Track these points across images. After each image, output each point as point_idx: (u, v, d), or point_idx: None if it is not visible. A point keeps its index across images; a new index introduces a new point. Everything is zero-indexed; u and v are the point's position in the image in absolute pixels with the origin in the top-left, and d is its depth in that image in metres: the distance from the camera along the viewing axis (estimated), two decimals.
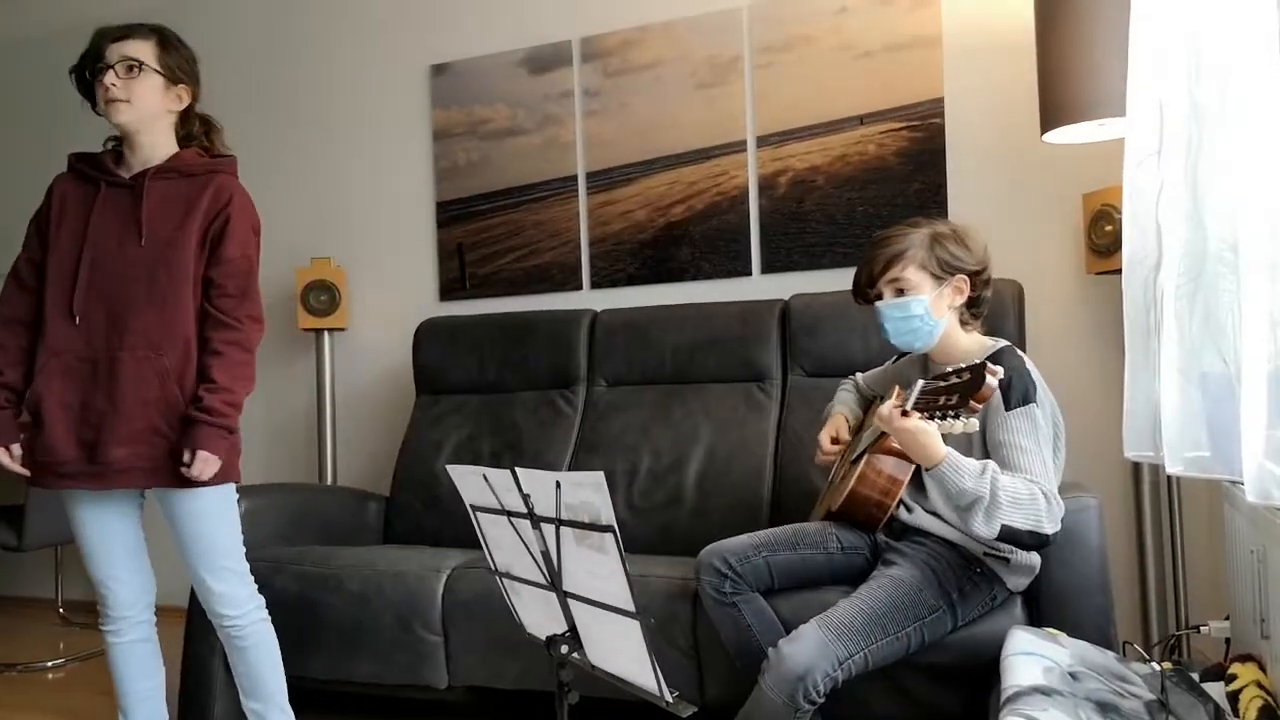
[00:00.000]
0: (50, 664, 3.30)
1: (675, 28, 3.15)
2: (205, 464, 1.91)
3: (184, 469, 1.91)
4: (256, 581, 2.10)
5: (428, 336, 3.20)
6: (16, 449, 1.95)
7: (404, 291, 3.55)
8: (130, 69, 1.95)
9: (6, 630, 3.79)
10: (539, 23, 3.34)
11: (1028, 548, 1.77)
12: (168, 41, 2.02)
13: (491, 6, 3.42)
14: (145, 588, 2.09)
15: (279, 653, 2.13)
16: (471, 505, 1.61)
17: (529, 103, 3.34)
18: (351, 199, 3.65)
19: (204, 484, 1.94)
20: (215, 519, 2.01)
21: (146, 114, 1.98)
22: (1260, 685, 1.51)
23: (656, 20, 3.17)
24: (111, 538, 2.03)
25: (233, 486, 2.05)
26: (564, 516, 1.34)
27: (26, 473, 1.97)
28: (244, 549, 2.08)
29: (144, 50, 1.97)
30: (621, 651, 1.35)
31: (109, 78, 1.94)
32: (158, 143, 2.02)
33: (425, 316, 3.30)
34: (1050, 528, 1.69)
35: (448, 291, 3.48)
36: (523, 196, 3.36)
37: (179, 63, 2.02)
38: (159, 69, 1.98)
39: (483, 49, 3.42)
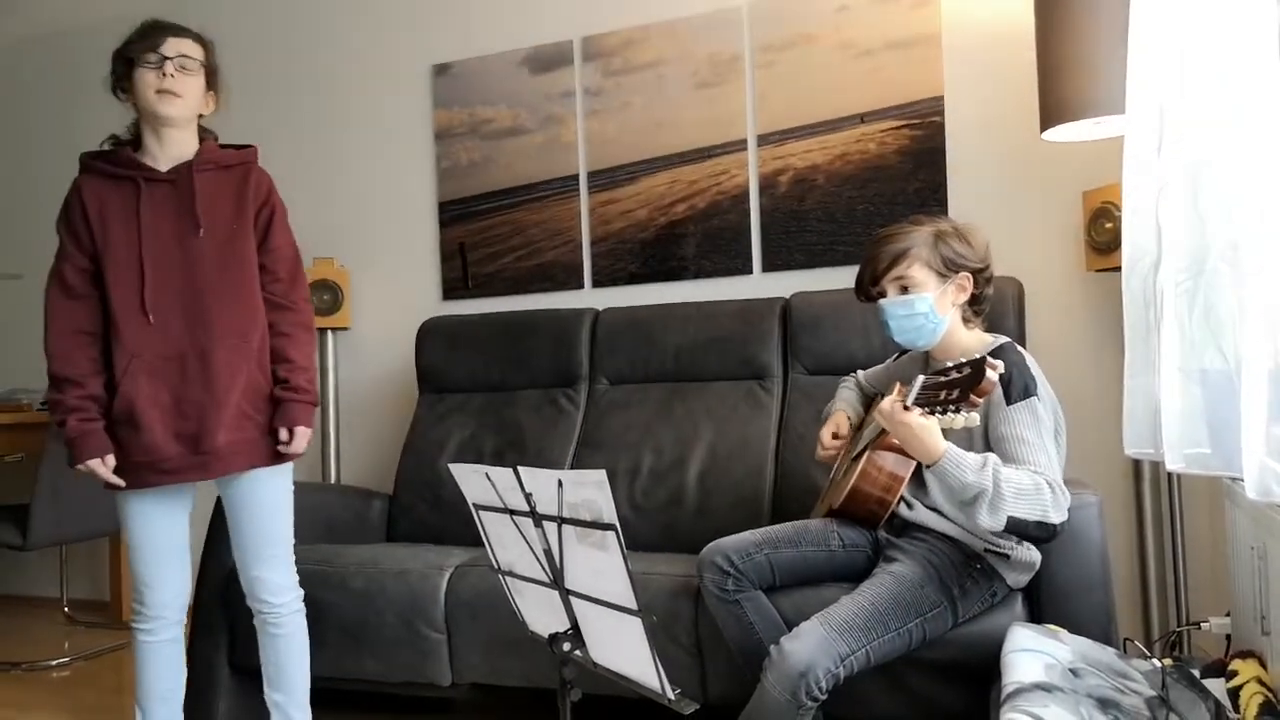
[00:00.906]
0: (55, 663, 3.31)
1: (676, 27, 3.15)
2: (303, 438, 2.06)
3: (282, 447, 2.03)
4: None
5: (430, 336, 3.21)
6: (110, 459, 1.96)
7: (406, 291, 3.55)
8: (185, 66, 1.99)
9: (12, 629, 3.80)
10: (540, 23, 3.34)
11: (1036, 539, 1.76)
12: (209, 48, 2.07)
13: (493, 7, 3.43)
14: (183, 589, 2.11)
15: (308, 649, 2.16)
16: (474, 504, 1.61)
17: (530, 102, 3.34)
18: (354, 199, 3.66)
19: (288, 460, 2.08)
20: (279, 506, 2.11)
21: (189, 112, 2.03)
22: (1261, 682, 1.52)
23: (657, 20, 3.18)
24: (161, 535, 2.06)
25: (292, 470, 2.14)
26: (566, 515, 1.35)
27: (122, 483, 1.98)
28: (293, 538, 2.14)
29: (197, 51, 2.03)
30: (624, 649, 1.36)
31: (168, 69, 1.96)
32: (187, 140, 2.05)
33: (428, 316, 3.30)
34: (1057, 517, 1.68)
35: (450, 291, 3.48)
36: (524, 196, 3.36)
37: (215, 70, 2.08)
38: (206, 72, 2.04)
39: (484, 49, 3.42)
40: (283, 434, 2.03)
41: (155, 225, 1.98)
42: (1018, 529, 1.68)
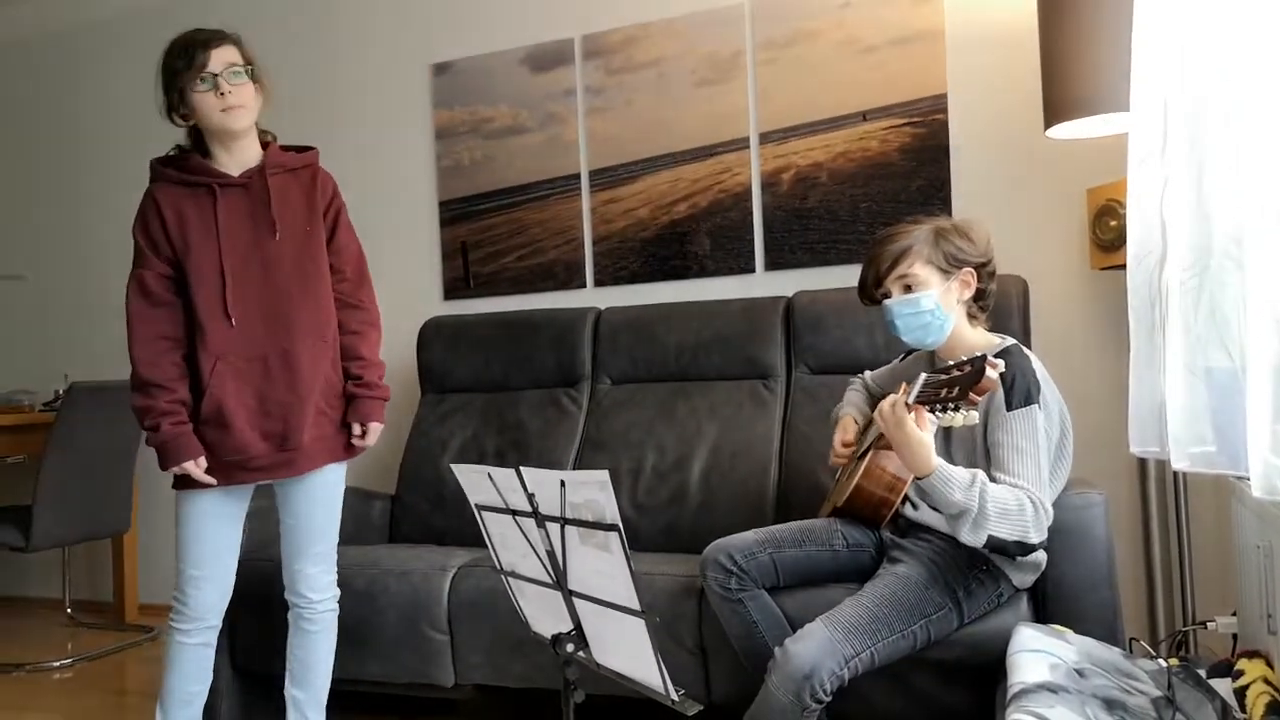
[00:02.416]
0: (57, 664, 3.31)
1: (677, 24, 3.14)
2: (375, 434, 2.13)
3: (358, 442, 2.11)
4: (262, 581, 2.12)
5: (432, 335, 3.21)
6: (203, 460, 1.98)
7: (408, 291, 3.55)
8: (235, 74, 1.98)
9: (14, 630, 3.81)
10: (540, 21, 3.34)
11: (1010, 555, 1.77)
12: (242, 45, 2.04)
13: (493, 5, 3.42)
14: (227, 593, 2.10)
15: (334, 650, 2.18)
16: (476, 504, 1.61)
17: (531, 101, 3.34)
18: (354, 198, 3.62)
19: (356, 453, 2.14)
20: (335, 502, 2.15)
21: (254, 116, 2.03)
22: (1267, 681, 1.51)
23: (658, 17, 3.17)
24: (222, 536, 2.06)
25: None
26: (569, 515, 1.34)
27: (214, 481, 1.99)
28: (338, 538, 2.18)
29: (238, 54, 2.00)
30: (627, 650, 1.35)
31: (223, 85, 1.95)
32: (251, 145, 2.06)
33: (429, 316, 3.30)
34: (1036, 537, 1.70)
35: (451, 290, 3.48)
36: (526, 195, 3.36)
37: (255, 64, 2.04)
38: (251, 71, 2.02)
39: (484, 48, 3.41)
40: (355, 429, 2.10)
41: (232, 230, 2.00)
42: (996, 547, 1.71)
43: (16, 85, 4.30)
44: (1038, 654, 1.60)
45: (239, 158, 2.04)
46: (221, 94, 1.95)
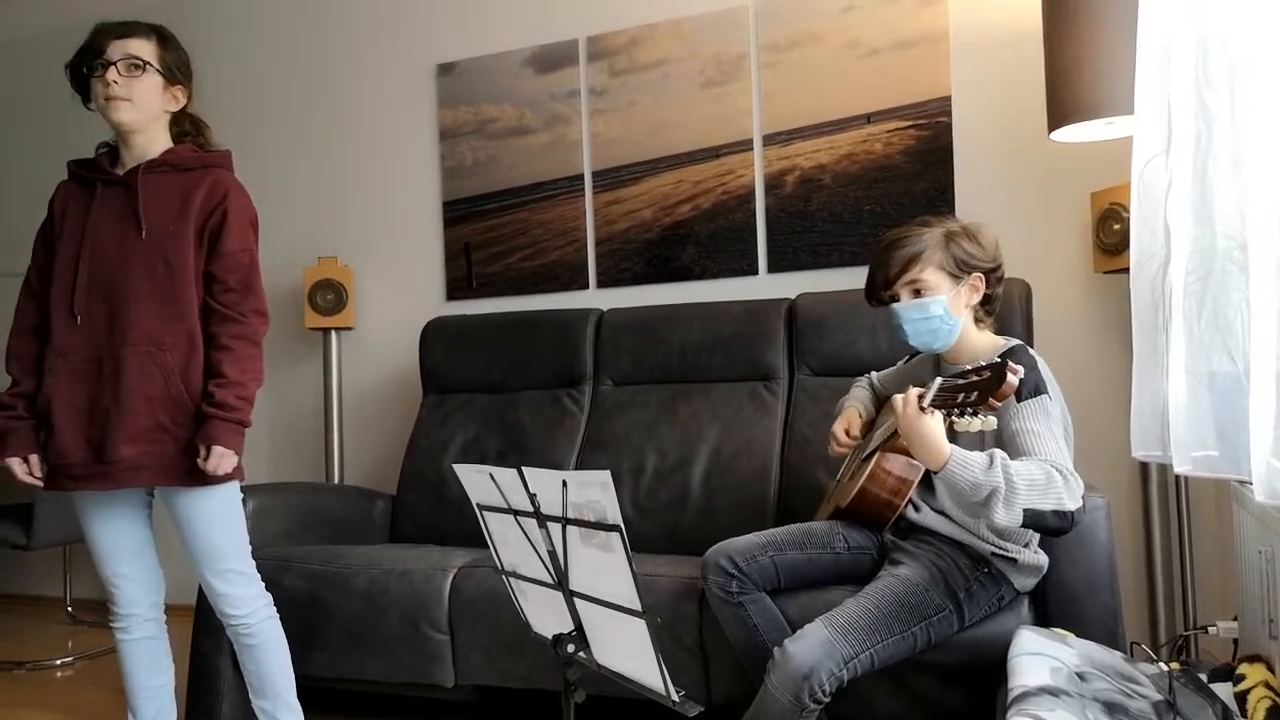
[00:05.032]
0: (59, 662, 3.31)
1: (682, 26, 3.15)
2: (222, 459, 1.91)
3: (201, 464, 1.90)
4: (263, 581, 2.10)
5: (434, 336, 3.21)
6: (35, 459, 1.94)
7: (411, 291, 3.55)
8: (133, 67, 1.94)
9: (15, 629, 3.81)
10: (545, 22, 3.34)
11: (1055, 530, 1.72)
12: (167, 41, 2.01)
13: (498, 6, 3.42)
14: (153, 585, 2.09)
15: (287, 651, 2.13)
16: (478, 504, 1.61)
17: (535, 102, 3.34)
18: (358, 198, 3.66)
19: (213, 481, 1.94)
20: (220, 521, 2.01)
21: (146, 114, 1.97)
22: (1269, 686, 1.51)
23: (663, 19, 3.17)
24: (119, 536, 2.03)
25: (237, 486, 2.04)
26: (570, 515, 1.34)
27: (40, 484, 1.96)
28: (249, 548, 2.07)
29: (146, 49, 1.96)
30: (628, 651, 1.35)
31: (111, 75, 1.92)
32: (154, 141, 2.01)
33: (432, 316, 3.30)
34: (1072, 504, 1.64)
35: (454, 291, 3.48)
36: (529, 196, 3.36)
37: (177, 63, 2.01)
38: (160, 69, 1.97)
39: (489, 48, 3.42)
40: (201, 451, 1.91)
41: (100, 227, 1.96)
42: (1036, 522, 1.66)
43: (23, 82, 4.30)
44: (1039, 657, 1.60)
45: (137, 154, 1.99)
46: (108, 83, 1.92)
